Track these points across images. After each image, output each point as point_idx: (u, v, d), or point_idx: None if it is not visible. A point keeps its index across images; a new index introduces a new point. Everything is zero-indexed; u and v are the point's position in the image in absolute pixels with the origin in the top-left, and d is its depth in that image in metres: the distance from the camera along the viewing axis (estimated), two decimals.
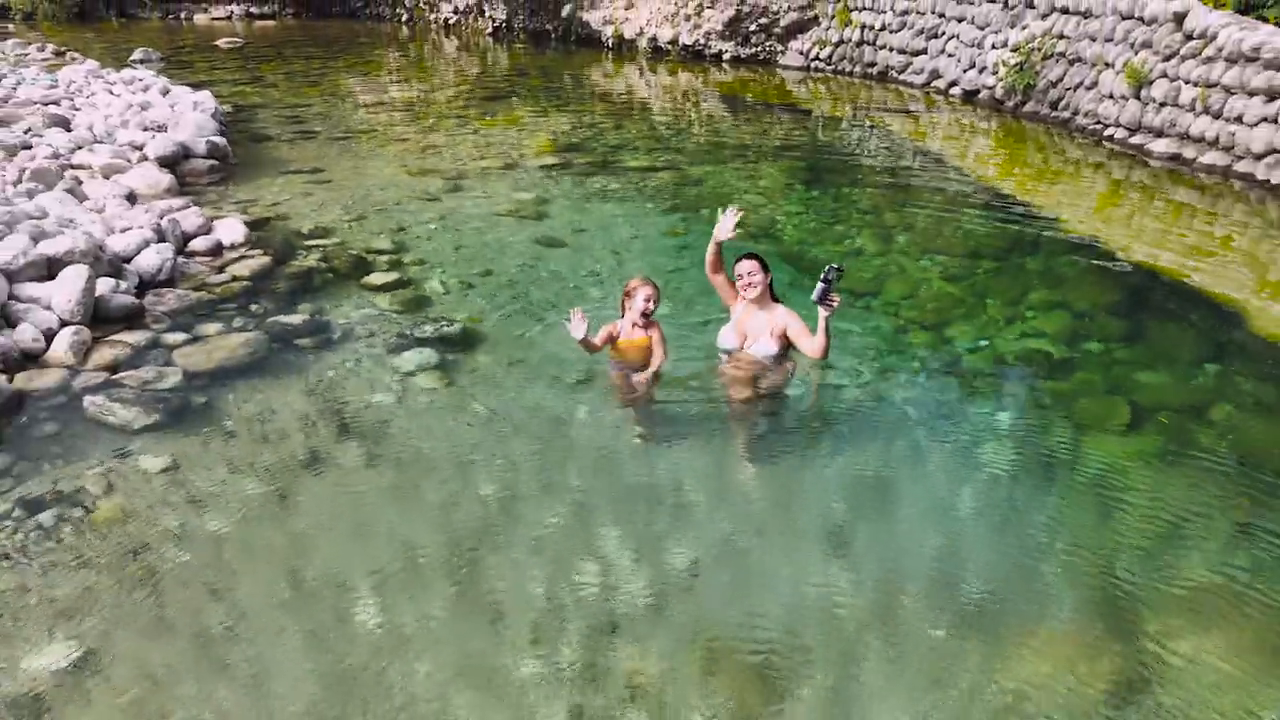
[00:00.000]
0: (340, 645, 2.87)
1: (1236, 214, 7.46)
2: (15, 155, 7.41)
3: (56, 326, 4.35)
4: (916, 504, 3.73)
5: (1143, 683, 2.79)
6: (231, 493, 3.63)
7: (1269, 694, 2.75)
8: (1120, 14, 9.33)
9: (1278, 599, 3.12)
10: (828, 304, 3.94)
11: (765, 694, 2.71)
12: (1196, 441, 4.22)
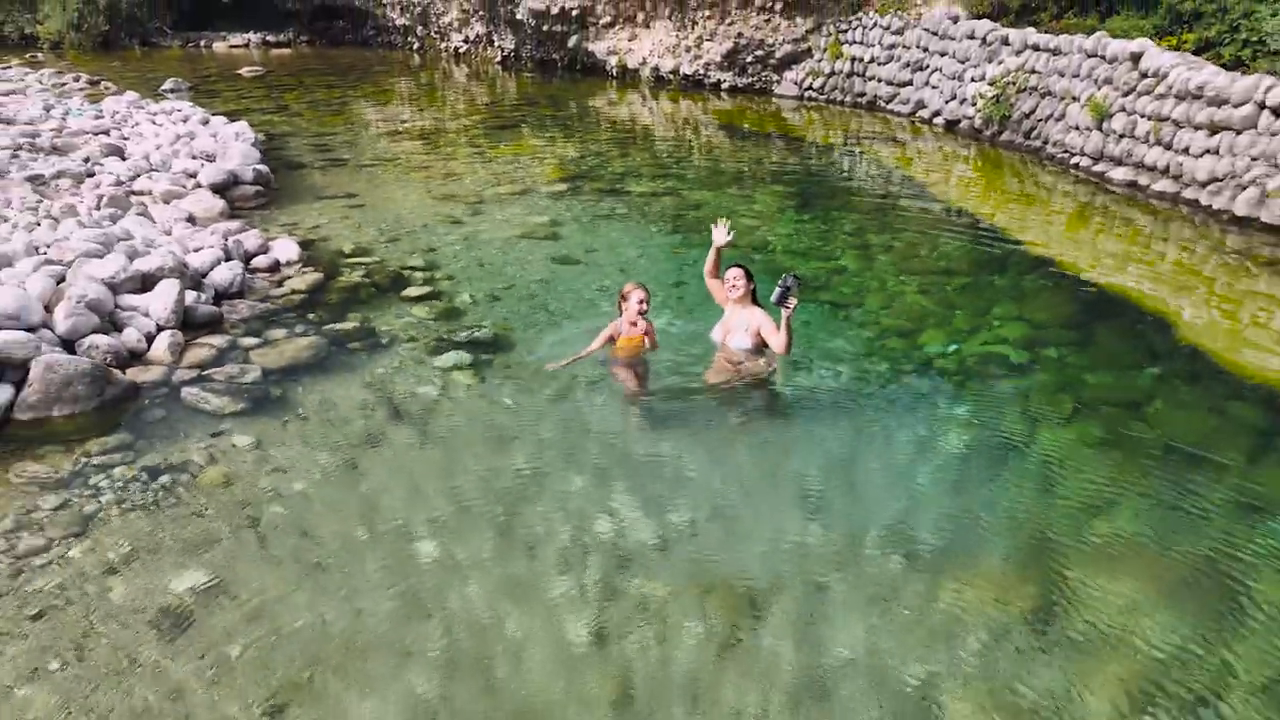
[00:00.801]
0: (407, 572, 3.72)
1: (1182, 236, 8.33)
2: (82, 182, 8.35)
3: (155, 331, 5.24)
4: (882, 475, 4.57)
5: (1057, 608, 3.59)
6: (308, 463, 4.49)
7: (1161, 617, 3.51)
8: (1085, 52, 10.28)
9: (1179, 554, 3.90)
10: (785, 305, 4.81)
11: (749, 613, 3.54)
12: (1129, 431, 5.04)
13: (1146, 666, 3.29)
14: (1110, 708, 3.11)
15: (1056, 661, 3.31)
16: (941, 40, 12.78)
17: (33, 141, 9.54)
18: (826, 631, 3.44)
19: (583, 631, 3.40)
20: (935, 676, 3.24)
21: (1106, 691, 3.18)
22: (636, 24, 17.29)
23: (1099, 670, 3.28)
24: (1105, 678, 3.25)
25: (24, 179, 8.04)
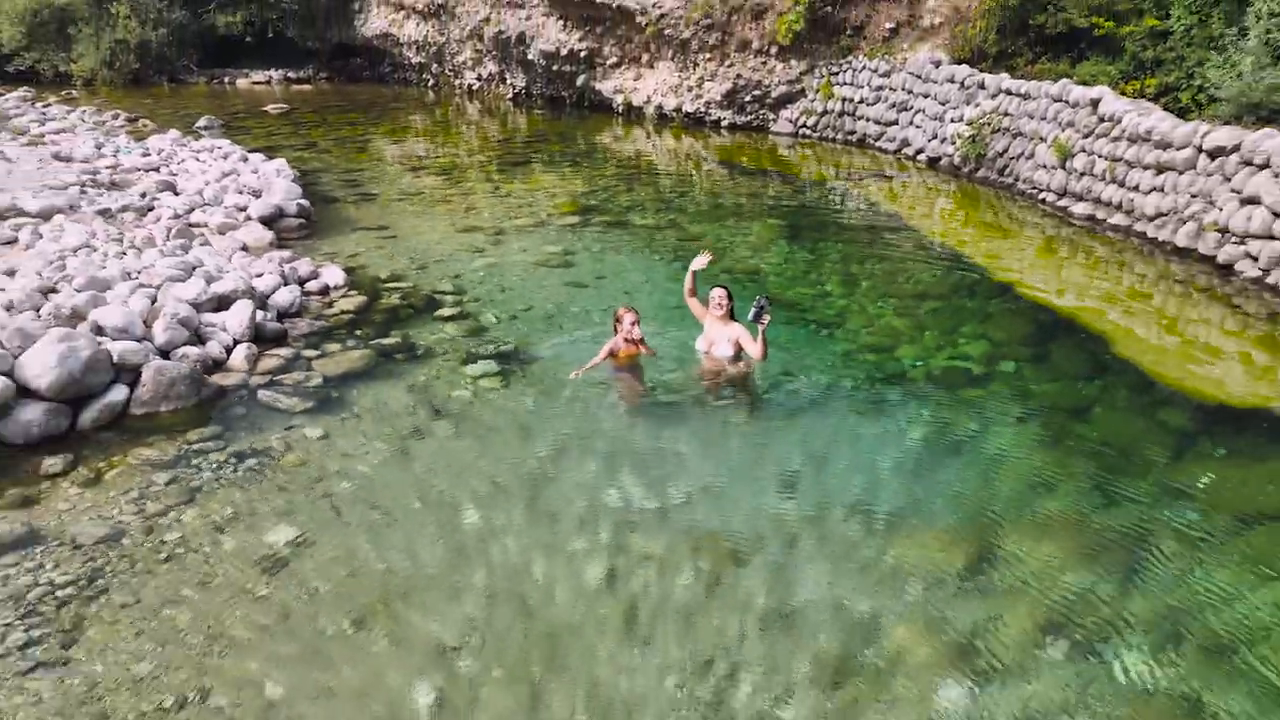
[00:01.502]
0: (454, 531, 4.68)
1: (1133, 266, 9.32)
2: (144, 215, 9.42)
3: (232, 343, 6.24)
4: (849, 461, 5.52)
5: (987, 564, 4.51)
6: (367, 449, 5.47)
7: (1073, 574, 4.39)
8: (1051, 97, 11.36)
9: (1097, 528, 4.79)
10: (760, 321, 5.85)
11: (731, 563, 4.49)
12: (1070, 431, 5.98)
13: (1056, 608, 4.21)
14: (1022, 636, 4.03)
15: (982, 602, 4.24)
16: (924, 83, 13.89)
17: (94, 178, 10.64)
18: (794, 577, 4.38)
19: (597, 574, 4.36)
20: (881, 610, 4.18)
21: (1021, 625, 4.10)
22: (641, 64, 18.50)
23: (1016, 609, 4.20)
24: (1021, 615, 4.17)
25: (95, 213, 9.11)
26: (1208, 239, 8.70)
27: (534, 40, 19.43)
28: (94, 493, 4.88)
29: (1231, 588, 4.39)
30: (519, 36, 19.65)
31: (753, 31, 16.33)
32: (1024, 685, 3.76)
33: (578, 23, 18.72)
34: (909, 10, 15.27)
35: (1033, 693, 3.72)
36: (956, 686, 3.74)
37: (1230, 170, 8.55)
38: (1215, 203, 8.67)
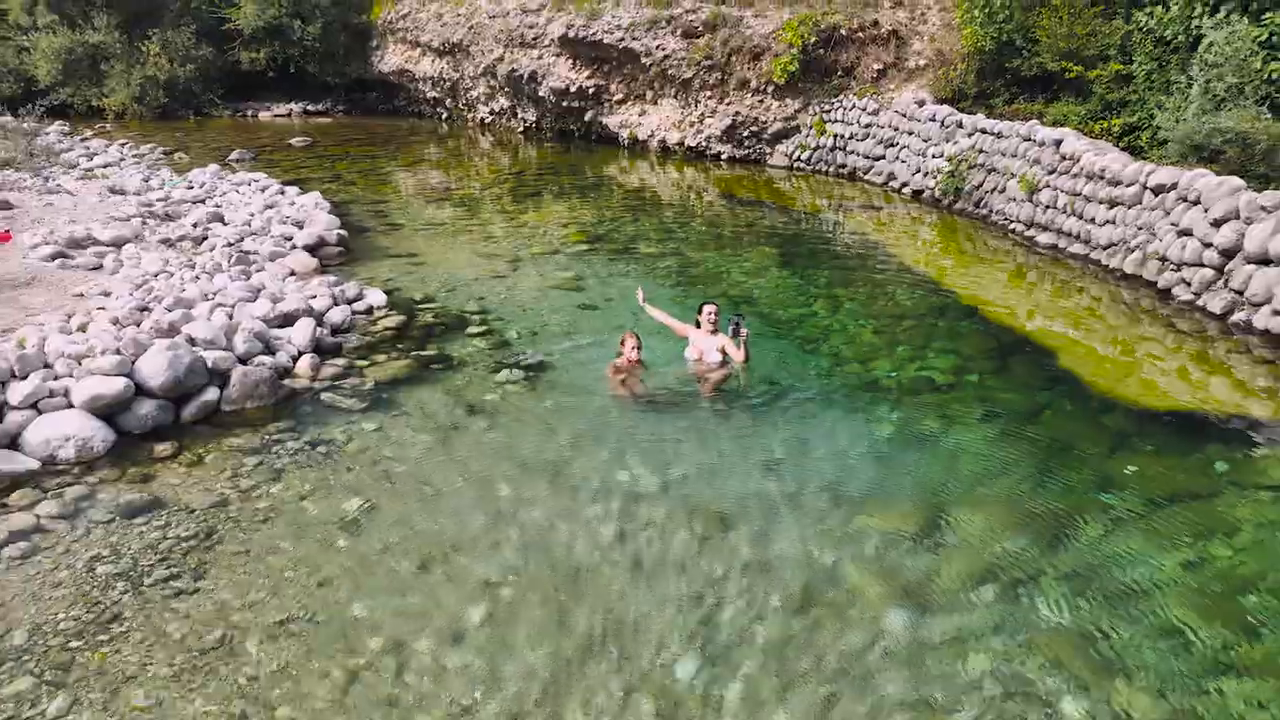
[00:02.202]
0: (493, 503, 5.84)
1: (1088, 290, 10.50)
2: (200, 243, 10.68)
3: (297, 354, 7.44)
4: (825, 451, 6.65)
5: (935, 529, 5.62)
6: (416, 440, 6.64)
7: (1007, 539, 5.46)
8: (1021, 137, 12.62)
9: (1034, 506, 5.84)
10: (740, 333, 7.12)
11: (719, 526, 5.62)
12: (1022, 431, 7.10)
13: (990, 562, 5.31)
14: (959, 582, 5.13)
15: (928, 556, 5.36)
16: (909, 122, 15.19)
17: (150, 210, 11.92)
18: (772, 537, 5.52)
19: (609, 533, 5.51)
20: (842, 560, 5.31)
21: (958, 573, 5.20)
22: (646, 101, 19.87)
23: (956, 562, 5.31)
24: (959, 566, 5.28)
25: (158, 242, 10.37)
26: (1150, 266, 9.89)
27: (545, 78, 20.85)
28: (198, 471, 6.07)
29: (1140, 552, 5.49)
30: (530, 75, 21.07)
31: (751, 72, 17.69)
32: (956, 616, 4.88)
33: (586, 62, 20.13)
34: (896, 53, 16.62)
35: (963, 621, 4.84)
36: (901, 615, 4.86)
37: (1169, 205, 9.76)
38: (1156, 234, 9.87)
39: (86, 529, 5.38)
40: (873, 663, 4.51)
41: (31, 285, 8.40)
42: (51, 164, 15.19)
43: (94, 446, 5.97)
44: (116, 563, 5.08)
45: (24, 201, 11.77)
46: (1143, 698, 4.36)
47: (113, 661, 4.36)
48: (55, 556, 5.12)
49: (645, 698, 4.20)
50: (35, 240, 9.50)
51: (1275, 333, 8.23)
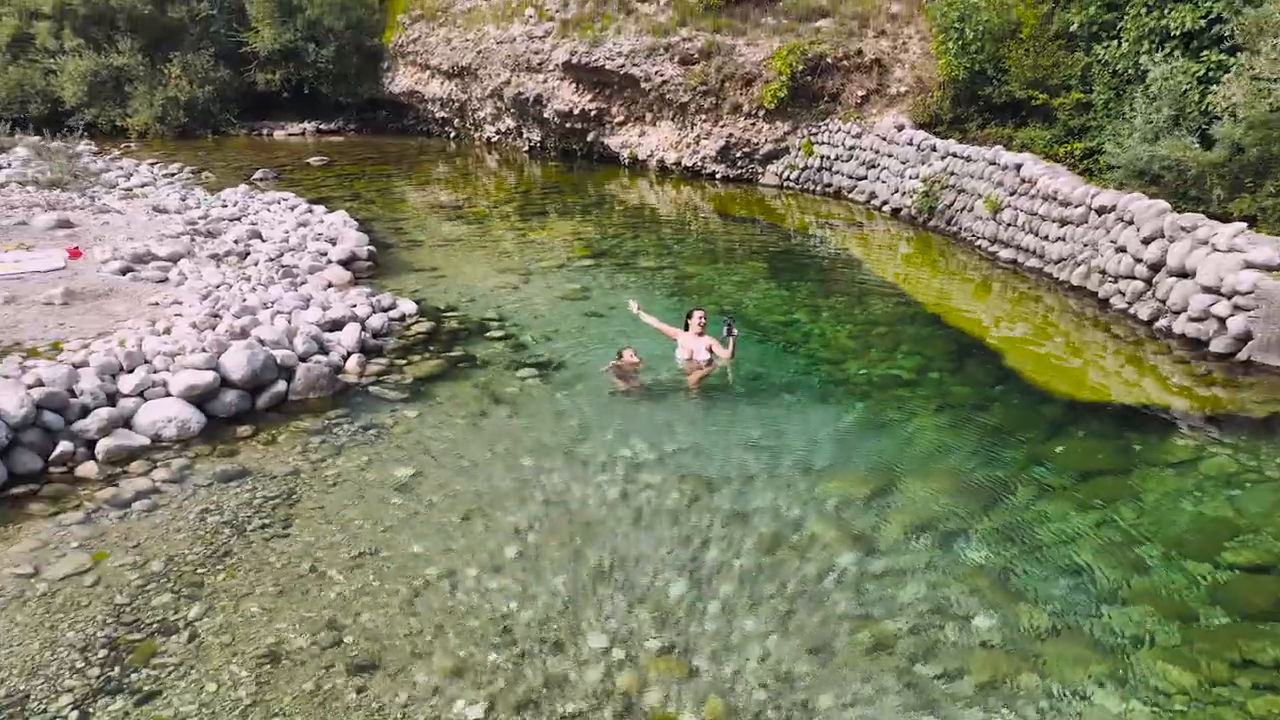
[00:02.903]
0: (518, 471, 7.20)
1: (1042, 301, 11.89)
2: (244, 258, 12.06)
3: (346, 354, 8.83)
4: (798, 434, 8.00)
5: (886, 493, 6.96)
6: (452, 423, 8.01)
7: (946, 499, 6.87)
8: (987, 160, 14.04)
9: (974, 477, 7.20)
10: (731, 334, 8.46)
11: (706, 490, 6.97)
12: (972, 420, 8.44)
13: (928, 519, 6.64)
14: (900, 533, 6.47)
15: (877, 514, 6.71)
16: (889, 145, 16.63)
17: (194, 227, 13.33)
18: (748, 498, 6.88)
19: (615, 494, 6.87)
20: (806, 515, 6.66)
21: (900, 526, 6.54)
22: (645, 123, 21.34)
23: (900, 518, 6.65)
24: (902, 521, 6.61)
25: (207, 257, 11.77)
26: (1093, 279, 11.28)
27: (550, 101, 22.33)
28: (274, 448, 7.44)
29: (1059, 514, 6.81)
30: (536, 98, 22.55)
31: (743, 97, 19.16)
32: (896, 556, 6.23)
33: (589, 87, 21.62)
34: (878, 80, 18.08)
35: (901, 561, 6.18)
36: (850, 555, 6.20)
37: (1110, 225, 11.16)
38: (1099, 250, 11.27)
39: (193, 490, 6.76)
40: (825, 588, 5.86)
41: (110, 296, 9.79)
42: (93, 184, 16.61)
43: (190, 427, 7.35)
44: (221, 514, 6.45)
45: (83, 220, 13.18)
46: (1042, 616, 5.69)
47: (231, 582, 5.72)
48: (172, 510, 6.49)
49: (644, 609, 5.56)
50: (105, 256, 10.89)
51: (1190, 336, 9.61)
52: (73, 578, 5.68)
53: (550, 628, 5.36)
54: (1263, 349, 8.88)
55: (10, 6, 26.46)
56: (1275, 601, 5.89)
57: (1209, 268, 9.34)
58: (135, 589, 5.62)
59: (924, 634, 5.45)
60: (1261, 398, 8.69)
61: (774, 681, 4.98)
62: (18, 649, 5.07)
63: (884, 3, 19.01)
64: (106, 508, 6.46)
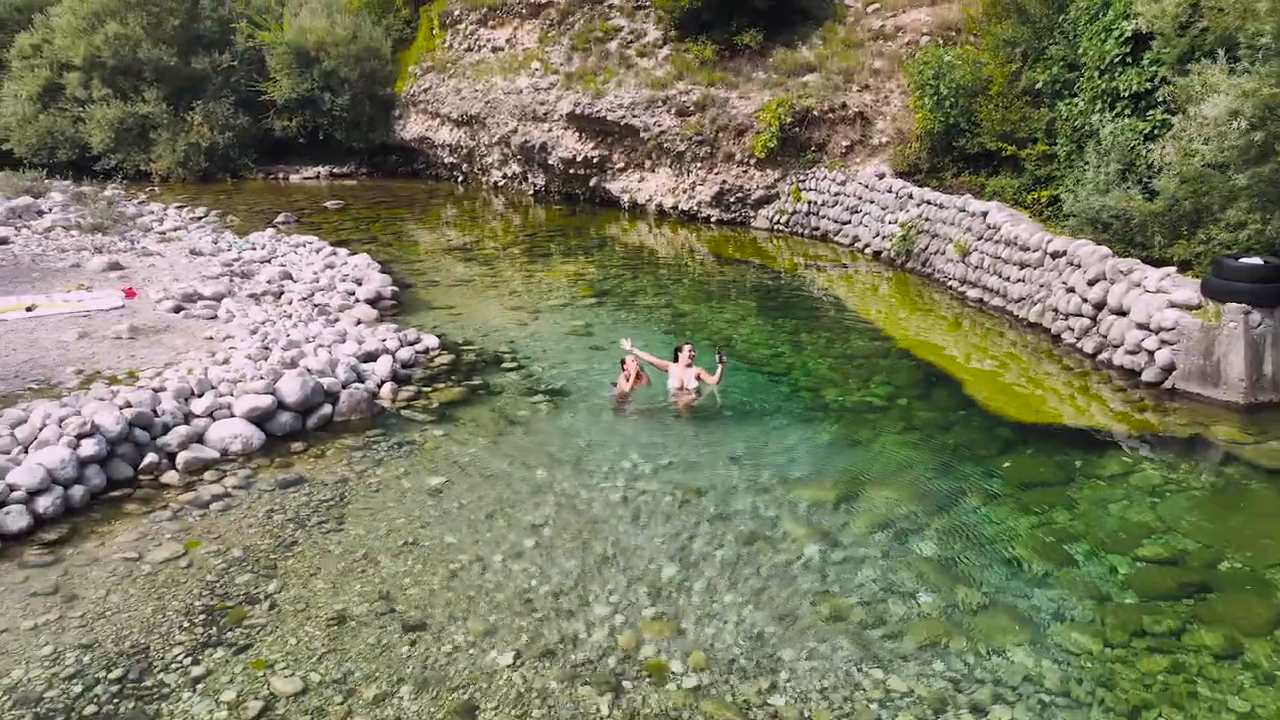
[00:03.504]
0: (533, 480, 8.51)
1: (1004, 336, 13.25)
2: (279, 297, 13.46)
3: (381, 382, 10.18)
4: (777, 450, 9.28)
5: (851, 498, 8.26)
6: (474, 440, 9.33)
7: (905, 505, 8.18)
8: (957, 208, 15.52)
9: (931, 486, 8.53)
10: (721, 362, 9.80)
11: (695, 495, 8.26)
12: (935, 438, 9.74)
13: (887, 520, 7.89)
14: (862, 530, 7.74)
15: (843, 515, 8.02)
16: (870, 192, 18.14)
17: (230, 269, 14.75)
18: (730, 502, 8.17)
19: (616, 498, 8.18)
20: (780, 516, 7.94)
21: (862, 525, 7.81)
22: (645, 169, 22.92)
23: (864, 518, 7.92)
24: (865, 521, 7.87)
25: (246, 296, 13.17)
26: (1047, 316, 12.67)
27: (554, 149, 23.94)
28: (324, 460, 8.76)
29: (1002, 517, 8.08)
30: (541, 145, 24.17)
31: (736, 146, 20.74)
32: (855, 549, 7.49)
33: (591, 135, 23.24)
34: (862, 132, 19.66)
35: (860, 552, 7.43)
36: (816, 547, 7.47)
37: (1061, 268, 12.58)
38: (1052, 290, 12.67)
39: (259, 494, 8.07)
40: (793, 572, 7.14)
41: (168, 331, 11.17)
42: (130, 228, 18.09)
43: (253, 443, 8.68)
44: (284, 513, 7.76)
45: (130, 262, 14.61)
46: (977, 595, 6.94)
47: (299, 565, 7.01)
48: (243, 509, 7.80)
49: (640, 586, 6.84)
50: (158, 296, 12.30)
51: (1127, 367, 10.95)
52: (170, 561, 6.98)
53: (563, 600, 6.65)
54: (1184, 378, 10.23)
55: (42, 59, 28.27)
56: (1176, 585, 7.14)
57: (1140, 307, 10.72)
58: (221, 570, 6.91)
59: (874, 607, 6.72)
60: (1184, 420, 10.02)
61: (746, 640, 6.25)
62: (135, 614, 6.36)
63: (867, 59, 20.66)
64: (189, 508, 7.77)
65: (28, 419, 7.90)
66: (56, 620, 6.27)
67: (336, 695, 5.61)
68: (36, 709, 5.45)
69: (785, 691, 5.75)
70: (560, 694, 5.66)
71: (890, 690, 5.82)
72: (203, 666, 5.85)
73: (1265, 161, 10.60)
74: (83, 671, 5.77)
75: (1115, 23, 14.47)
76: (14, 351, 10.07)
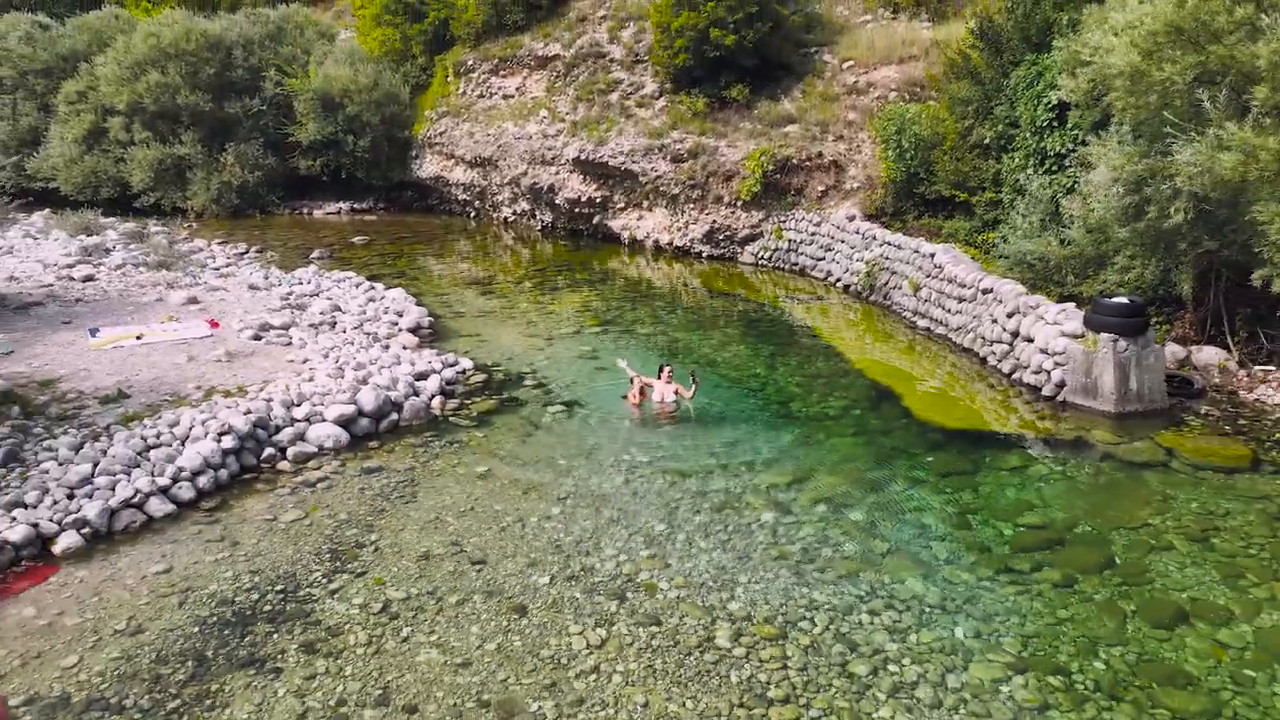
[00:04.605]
0: (555, 466, 11.44)
1: (946, 361, 16.20)
2: (333, 327, 16.42)
3: (431, 396, 13.12)
4: (746, 448, 12.20)
5: (803, 482, 11.18)
6: (507, 439, 12.27)
7: (845, 488, 11.15)
8: (911, 249, 18.54)
9: (867, 476, 11.55)
10: (695, 381, 12.80)
11: (682, 478, 11.18)
12: (879, 440, 12.67)
13: (829, 496, 10.83)
14: (808, 502, 10.66)
15: (796, 492, 10.95)
16: (841, 232, 21.19)
17: (287, 302, 17.72)
18: (708, 483, 11.09)
19: (620, 480, 11.11)
20: (744, 492, 10.87)
21: (809, 498, 10.75)
22: (643, 209, 26.00)
23: (810, 493, 10.88)
24: (811, 495, 10.80)
25: (308, 326, 16.12)
26: (978, 343, 15.65)
27: (560, 190, 27.05)
28: (394, 454, 11.69)
29: (921, 496, 10.99)
30: (549, 187, 27.28)
31: (724, 190, 23.83)
32: (801, 515, 10.40)
33: (595, 178, 26.35)
34: (835, 178, 22.75)
35: (803, 517, 10.34)
36: (771, 514, 10.38)
37: (989, 302, 15.56)
38: (981, 321, 15.65)
39: (350, 477, 11.00)
40: (751, 530, 10.04)
41: (255, 355, 14.12)
42: (189, 265, 21.11)
43: (341, 441, 11.61)
44: (372, 490, 10.68)
45: (203, 297, 17.61)
46: (887, 546, 9.81)
47: (389, 524, 9.91)
48: (341, 488, 10.72)
49: (639, 537, 9.74)
50: (238, 326, 15.27)
51: (1032, 384, 13.90)
52: (297, 521, 9.91)
53: (582, 545, 9.55)
54: (1072, 392, 13.18)
55: (87, 104, 31.49)
56: (1040, 541, 9.99)
57: (1042, 335, 13.70)
58: (334, 527, 9.83)
59: (808, 551, 9.62)
60: (1071, 426, 12.95)
61: (713, 570, 9.15)
62: (281, 554, 9.27)
63: (842, 112, 23.79)
64: (301, 486, 10.71)
65: (179, 421, 10.85)
66: (228, 557, 9.20)
67: (430, 600, 8.53)
68: (231, 608, 8.36)
69: (739, 600, 8.66)
70: (583, 601, 8.57)
71: (813, 601, 8.72)
72: (336, 584, 8.76)
73: (1139, 220, 13.61)
74: (256, 587, 8.69)
75: (1045, 91, 17.59)
76: (142, 371, 13.03)
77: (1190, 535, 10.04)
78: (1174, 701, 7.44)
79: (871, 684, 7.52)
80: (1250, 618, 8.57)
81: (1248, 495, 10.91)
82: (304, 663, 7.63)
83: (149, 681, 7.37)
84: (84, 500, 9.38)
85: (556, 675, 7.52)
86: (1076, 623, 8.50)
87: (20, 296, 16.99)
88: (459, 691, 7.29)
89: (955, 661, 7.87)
